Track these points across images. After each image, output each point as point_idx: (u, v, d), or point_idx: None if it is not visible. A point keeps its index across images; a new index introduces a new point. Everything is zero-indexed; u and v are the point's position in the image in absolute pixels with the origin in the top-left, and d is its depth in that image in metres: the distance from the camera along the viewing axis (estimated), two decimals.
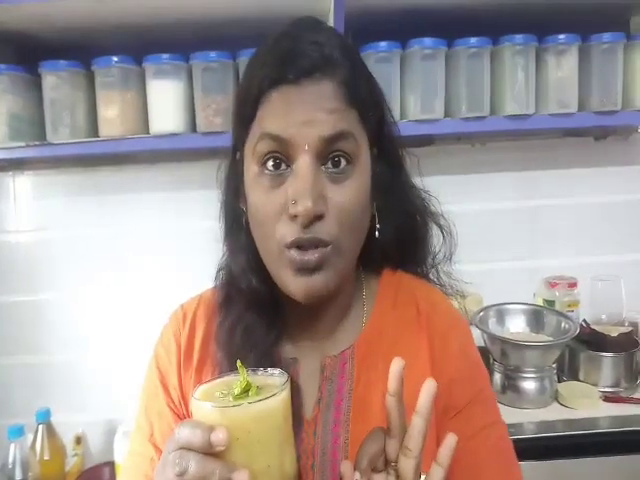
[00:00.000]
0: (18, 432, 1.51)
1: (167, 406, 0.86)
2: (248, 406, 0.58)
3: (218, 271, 0.90)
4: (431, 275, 0.94)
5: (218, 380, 0.64)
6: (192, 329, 0.88)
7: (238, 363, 0.62)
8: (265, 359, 0.77)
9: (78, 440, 1.79)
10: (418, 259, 0.93)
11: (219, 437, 0.55)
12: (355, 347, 0.85)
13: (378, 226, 0.83)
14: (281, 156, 0.73)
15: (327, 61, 0.73)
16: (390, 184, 0.84)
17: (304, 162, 0.71)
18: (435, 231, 0.92)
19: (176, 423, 0.84)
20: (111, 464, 1.66)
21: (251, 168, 0.75)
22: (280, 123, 0.72)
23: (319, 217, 0.71)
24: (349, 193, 0.73)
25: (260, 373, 0.65)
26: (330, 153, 0.73)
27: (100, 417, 1.84)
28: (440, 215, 0.92)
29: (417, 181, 0.90)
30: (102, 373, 1.85)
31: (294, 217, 0.71)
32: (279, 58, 0.74)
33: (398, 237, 0.87)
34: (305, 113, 0.71)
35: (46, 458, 1.59)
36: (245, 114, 0.77)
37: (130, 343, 1.78)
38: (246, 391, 0.60)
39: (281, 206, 0.72)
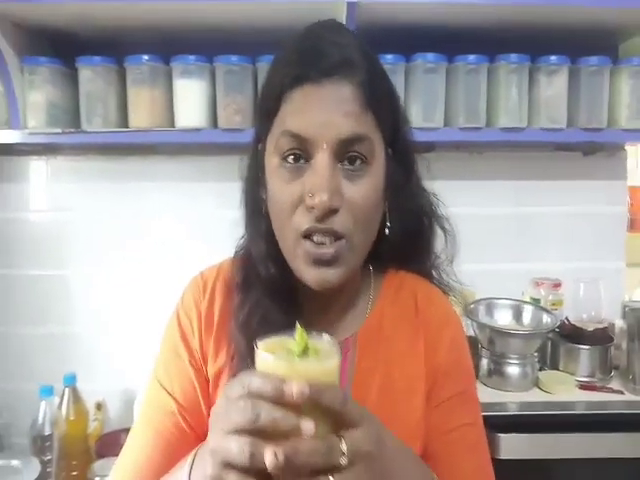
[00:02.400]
0: (48, 391, 1.62)
1: (189, 363, 0.89)
2: (314, 362, 0.62)
3: (237, 251, 0.94)
4: (433, 273, 0.98)
5: (273, 339, 0.66)
6: (211, 299, 0.91)
7: (298, 325, 0.63)
8: None
9: (99, 406, 1.88)
10: (421, 259, 0.97)
11: (291, 388, 0.57)
12: (358, 335, 0.89)
13: (389, 224, 0.86)
14: (300, 152, 0.77)
15: (347, 63, 0.76)
16: (402, 184, 0.87)
17: (322, 159, 0.75)
18: (439, 233, 0.97)
19: (197, 379, 0.89)
20: (128, 430, 1.75)
21: (272, 160, 0.80)
22: (301, 122, 0.75)
23: (334, 211, 0.75)
24: (363, 191, 0.77)
25: (312, 336, 0.66)
26: (346, 153, 0.76)
27: (119, 386, 1.93)
28: (445, 219, 0.96)
29: (427, 184, 0.94)
30: (121, 344, 1.95)
31: (311, 209, 0.75)
32: (302, 57, 0.78)
33: (405, 236, 0.89)
34: (324, 114, 0.75)
35: (71, 418, 1.68)
36: (269, 108, 0.80)
37: (147, 317, 1.84)
38: (305, 350, 0.63)
39: (298, 197, 0.76)
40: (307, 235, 0.77)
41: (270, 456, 0.55)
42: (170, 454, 0.85)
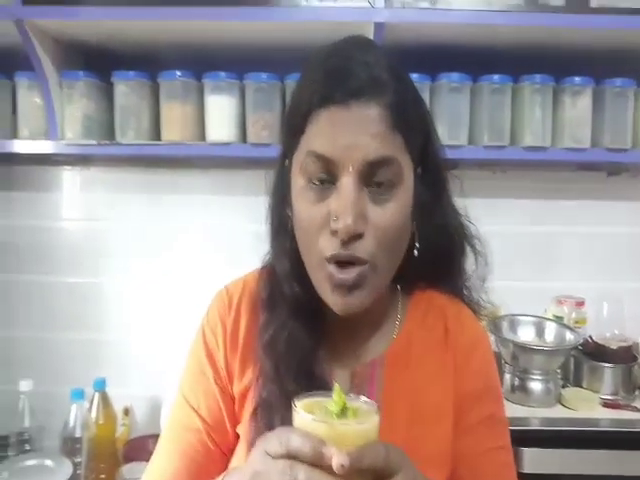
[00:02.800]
0: (79, 395, 1.67)
1: (214, 381, 0.89)
2: (353, 423, 0.61)
3: (262, 268, 0.92)
4: (464, 292, 0.95)
5: (311, 398, 0.66)
6: (237, 315, 0.90)
7: (336, 385, 0.63)
8: (304, 363, 0.82)
9: (126, 412, 1.92)
10: (451, 278, 0.94)
11: (330, 452, 0.57)
12: (385, 356, 0.87)
13: (417, 245, 0.84)
14: (326, 174, 0.75)
15: (375, 83, 0.74)
16: (431, 204, 0.84)
17: (347, 182, 0.73)
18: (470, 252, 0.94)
19: (222, 398, 0.89)
20: (154, 437, 1.75)
21: (298, 180, 0.78)
22: (326, 144, 0.73)
23: (358, 235, 0.73)
24: (389, 215, 0.75)
25: (350, 397, 0.65)
26: (373, 176, 0.74)
27: (146, 393, 1.97)
28: (477, 239, 0.94)
29: (458, 202, 0.92)
30: (150, 352, 1.99)
31: (335, 232, 0.73)
32: (329, 76, 0.75)
33: (434, 256, 0.87)
34: (351, 136, 0.73)
35: (100, 422, 1.71)
36: (295, 126, 0.78)
37: (175, 326, 1.88)
38: (343, 411, 0.62)
39: (323, 219, 0.74)
40: (331, 260, 0.76)
41: None
42: (196, 471, 0.87)
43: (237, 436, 0.90)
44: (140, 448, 1.75)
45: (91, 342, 2.02)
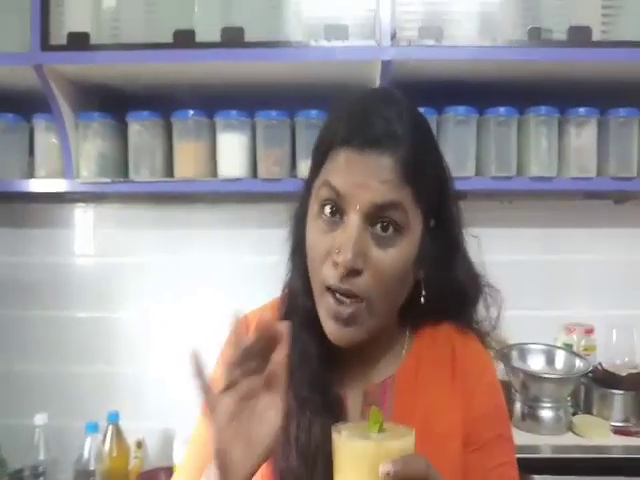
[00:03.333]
0: (94, 428, 1.69)
1: None
2: (394, 439, 0.64)
3: (284, 289, 0.96)
4: (473, 325, 0.96)
5: (348, 424, 0.70)
6: None
7: (373, 408, 0.66)
8: (316, 376, 0.85)
9: (139, 445, 1.92)
10: (462, 321, 0.95)
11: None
12: (395, 377, 0.90)
13: (424, 293, 0.86)
14: (337, 206, 0.80)
15: (391, 137, 0.79)
16: (442, 258, 0.87)
17: (353, 219, 0.78)
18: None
19: None
20: (167, 469, 1.80)
21: (313, 206, 0.83)
22: (340, 179, 0.79)
23: (357, 272, 0.77)
24: (390, 259, 0.79)
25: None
26: (379, 218, 0.78)
27: (159, 426, 1.99)
28: (495, 291, 0.95)
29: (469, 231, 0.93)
30: (162, 385, 2.00)
31: (335, 264, 0.77)
32: (350, 122, 0.81)
33: (443, 307, 0.91)
34: (362, 177, 0.78)
35: (114, 455, 1.74)
36: (317, 159, 0.85)
37: (186, 360, 1.91)
38: (382, 430, 0.66)
39: (328, 250, 0.79)
40: (329, 289, 0.80)
41: None
42: None
43: None
44: None
45: (105, 376, 2.04)
